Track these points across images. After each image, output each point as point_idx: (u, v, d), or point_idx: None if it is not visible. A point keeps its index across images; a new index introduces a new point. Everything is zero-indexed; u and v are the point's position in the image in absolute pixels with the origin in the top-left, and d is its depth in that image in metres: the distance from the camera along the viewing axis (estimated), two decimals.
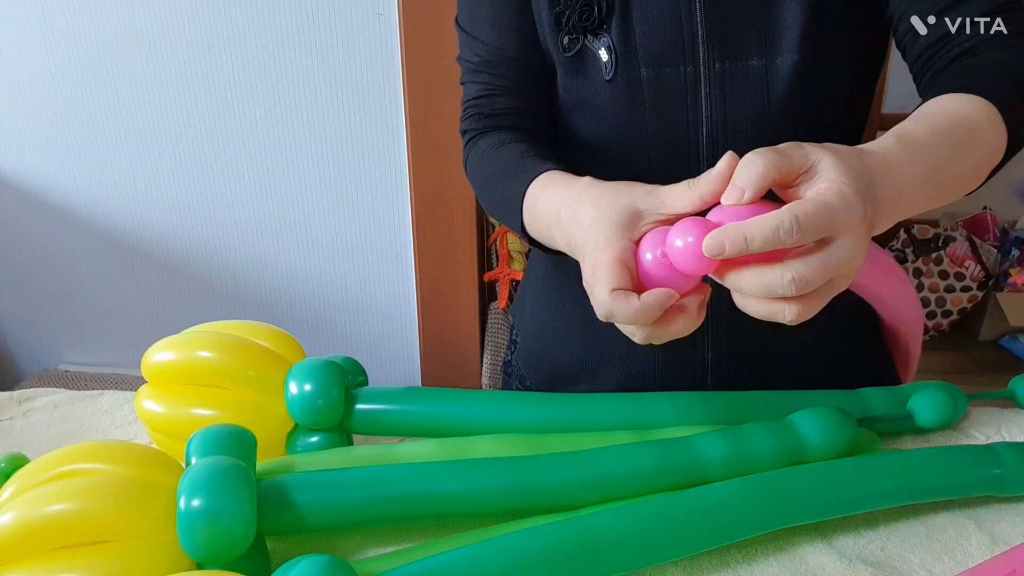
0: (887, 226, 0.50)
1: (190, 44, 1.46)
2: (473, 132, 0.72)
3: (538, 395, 0.67)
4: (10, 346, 1.77)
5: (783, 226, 0.42)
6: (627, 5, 0.63)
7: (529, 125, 0.70)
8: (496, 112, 0.70)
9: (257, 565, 0.50)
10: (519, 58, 0.69)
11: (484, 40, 0.69)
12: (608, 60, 0.64)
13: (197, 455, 0.51)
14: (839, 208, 0.44)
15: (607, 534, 0.51)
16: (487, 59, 0.70)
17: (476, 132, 0.71)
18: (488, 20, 0.69)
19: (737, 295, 0.48)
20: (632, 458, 0.57)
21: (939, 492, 0.59)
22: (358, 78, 1.48)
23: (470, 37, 0.70)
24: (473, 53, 0.71)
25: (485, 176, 0.69)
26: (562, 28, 0.65)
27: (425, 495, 0.53)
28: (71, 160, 1.57)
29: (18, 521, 0.44)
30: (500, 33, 0.69)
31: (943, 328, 2.01)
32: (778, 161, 0.45)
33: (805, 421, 0.60)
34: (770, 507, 0.55)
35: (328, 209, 1.58)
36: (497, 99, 0.70)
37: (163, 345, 0.61)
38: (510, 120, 0.70)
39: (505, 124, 0.70)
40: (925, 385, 0.69)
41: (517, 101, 0.70)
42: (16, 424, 0.73)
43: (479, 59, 0.70)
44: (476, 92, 0.71)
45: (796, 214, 0.43)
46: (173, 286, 1.66)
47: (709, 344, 0.71)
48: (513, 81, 0.70)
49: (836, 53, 0.64)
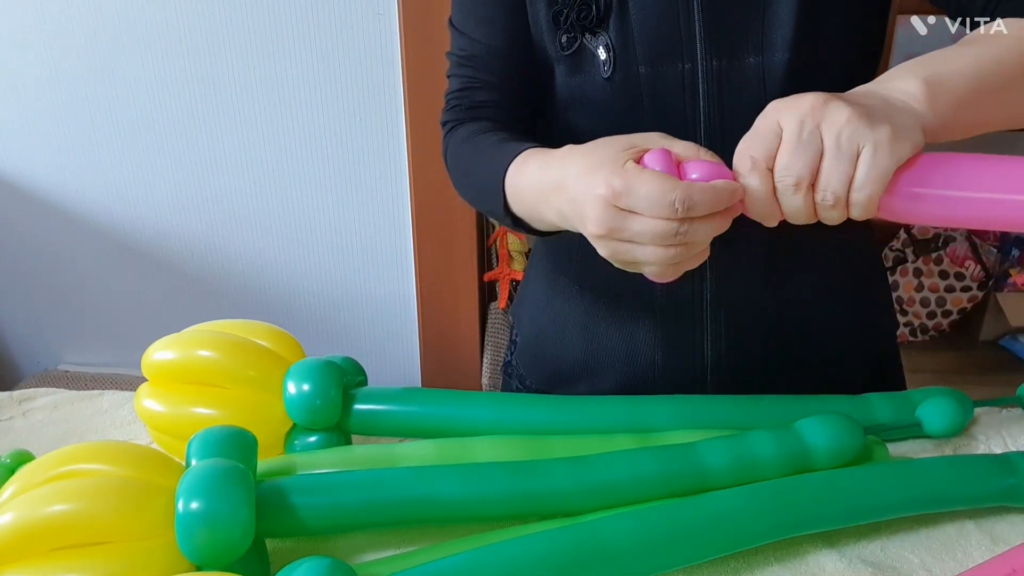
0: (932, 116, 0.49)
1: (190, 43, 1.46)
2: (452, 123, 0.72)
3: (537, 396, 0.67)
4: (10, 346, 1.77)
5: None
6: (625, 3, 0.63)
7: (508, 119, 0.71)
8: (476, 105, 0.71)
9: (256, 567, 0.50)
10: (506, 55, 0.69)
11: (472, 36, 0.70)
12: (606, 58, 0.64)
13: (197, 456, 0.51)
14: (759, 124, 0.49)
15: (611, 541, 0.50)
16: (472, 54, 0.70)
17: (455, 123, 0.72)
18: (477, 16, 0.70)
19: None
20: (636, 464, 0.56)
21: (951, 502, 0.58)
22: (358, 78, 1.47)
23: (460, 33, 0.71)
24: (459, 48, 0.72)
25: (463, 163, 0.70)
26: (560, 27, 0.65)
27: (426, 499, 0.53)
28: (71, 160, 1.57)
29: (17, 521, 0.44)
30: (488, 30, 0.69)
31: (943, 328, 2.00)
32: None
33: (811, 428, 0.59)
34: (777, 516, 0.54)
35: (328, 209, 1.58)
36: (478, 92, 0.71)
37: (163, 344, 0.61)
38: (489, 113, 0.71)
39: (483, 116, 0.71)
40: (933, 391, 0.68)
41: (498, 95, 0.71)
42: (16, 424, 0.73)
43: (464, 53, 0.71)
44: (458, 85, 0.72)
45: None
46: (173, 286, 1.66)
47: (708, 344, 0.71)
48: (497, 76, 0.70)
49: (831, 50, 0.64)
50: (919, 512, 0.58)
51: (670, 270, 0.51)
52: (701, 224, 0.49)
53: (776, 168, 0.48)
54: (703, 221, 0.49)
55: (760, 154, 0.48)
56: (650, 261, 0.50)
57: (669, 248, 0.49)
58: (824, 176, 0.47)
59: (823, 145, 0.47)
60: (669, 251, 0.49)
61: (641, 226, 0.49)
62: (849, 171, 0.46)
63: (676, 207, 0.48)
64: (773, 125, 0.48)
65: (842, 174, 0.46)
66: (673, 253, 0.50)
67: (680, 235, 0.49)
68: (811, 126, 0.47)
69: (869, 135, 0.46)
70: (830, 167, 0.47)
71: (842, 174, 0.46)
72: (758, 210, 0.50)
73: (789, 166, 0.47)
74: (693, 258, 0.51)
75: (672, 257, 0.50)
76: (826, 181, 0.47)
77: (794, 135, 0.47)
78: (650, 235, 0.49)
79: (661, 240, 0.49)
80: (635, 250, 0.50)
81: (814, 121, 0.47)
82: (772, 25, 0.62)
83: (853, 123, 0.46)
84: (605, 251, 0.52)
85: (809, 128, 0.47)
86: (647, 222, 0.49)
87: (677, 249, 0.49)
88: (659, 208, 0.48)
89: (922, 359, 1.94)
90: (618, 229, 0.50)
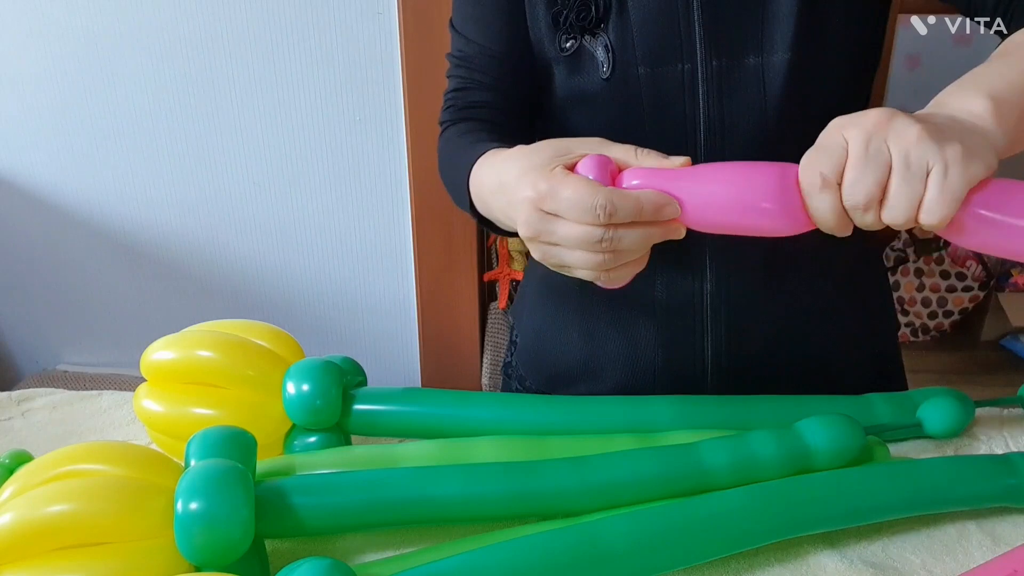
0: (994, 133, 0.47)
1: (190, 44, 1.46)
2: (446, 123, 0.73)
3: (537, 397, 0.67)
4: (9, 346, 1.77)
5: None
6: (624, 4, 0.63)
7: (501, 119, 0.71)
8: (469, 105, 0.71)
9: (256, 568, 0.50)
10: (502, 57, 0.70)
11: (469, 37, 0.71)
12: (605, 59, 0.64)
13: (197, 457, 0.51)
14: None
15: (611, 541, 0.50)
16: (469, 55, 0.71)
17: (448, 123, 0.73)
18: (474, 17, 0.70)
19: None
20: (636, 464, 0.56)
21: (952, 503, 0.58)
22: (358, 78, 1.47)
23: (458, 34, 0.72)
24: (457, 49, 0.72)
25: (443, 162, 0.71)
26: (560, 28, 0.65)
27: (426, 499, 0.53)
28: (71, 160, 1.57)
29: (16, 521, 0.44)
30: (485, 32, 0.70)
31: (944, 328, 2.00)
32: None
33: (812, 429, 0.59)
34: (778, 516, 0.54)
35: (328, 209, 1.58)
36: (472, 93, 0.71)
37: (162, 344, 0.60)
38: (482, 113, 0.71)
39: (476, 116, 0.71)
40: (934, 392, 0.68)
41: (492, 96, 0.71)
42: (15, 424, 0.73)
43: (461, 55, 0.72)
44: (454, 85, 0.73)
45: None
46: (173, 286, 1.66)
47: (709, 344, 0.71)
48: (492, 77, 0.71)
49: (830, 49, 0.64)
50: (920, 512, 0.58)
51: (610, 276, 0.52)
52: (628, 231, 0.49)
53: (844, 185, 0.46)
54: (630, 228, 0.49)
55: (829, 170, 0.46)
56: (579, 265, 0.51)
57: (597, 254, 0.50)
58: (892, 195, 0.45)
59: (891, 163, 0.45)
60: (597, 256, 0.50)
61: (566, 230, 0.50)
62: (919, 191, 0.44)
63: (598, 213, 0.48)
64: (839, 139, 0.46)
65: (911, 194, 0.44)
66: (601, 259, 0.50)
67: (606, 241, 0.49)
68: (878, 142, 0.45)
69: (939, 154, 0.44)
70: (898, 186, 0.45)
71: (911, 194, 0.44)
72: (828, 226, 0.48)
73: (856, 183, 0.45)
74: (629, 265, 0.52)
75: (601, 263, 0.50)
76: (895, 200, 0.45)
77: (861, 151, 0.45)
78: (575, 240, 0.49)
79: (587, 245, 0.50)
80: (563, 254, 0.51)
81: (881, 137, 0.45)
82: (771, 25, 0.62)
83: (923, 140, 0.44)
84: (536, 254, 0.53)
85: (876, 144, 0.45)
86: (572, 227, 0.49)
87: (605, 255, 0.50)
88: (581, 213, 0.48)
89: (923, 359, 1.94)
90: (545, 232, 0.50)
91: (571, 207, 0.49)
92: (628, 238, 0.49)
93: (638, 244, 0.50)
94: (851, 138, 0.46)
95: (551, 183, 0.49)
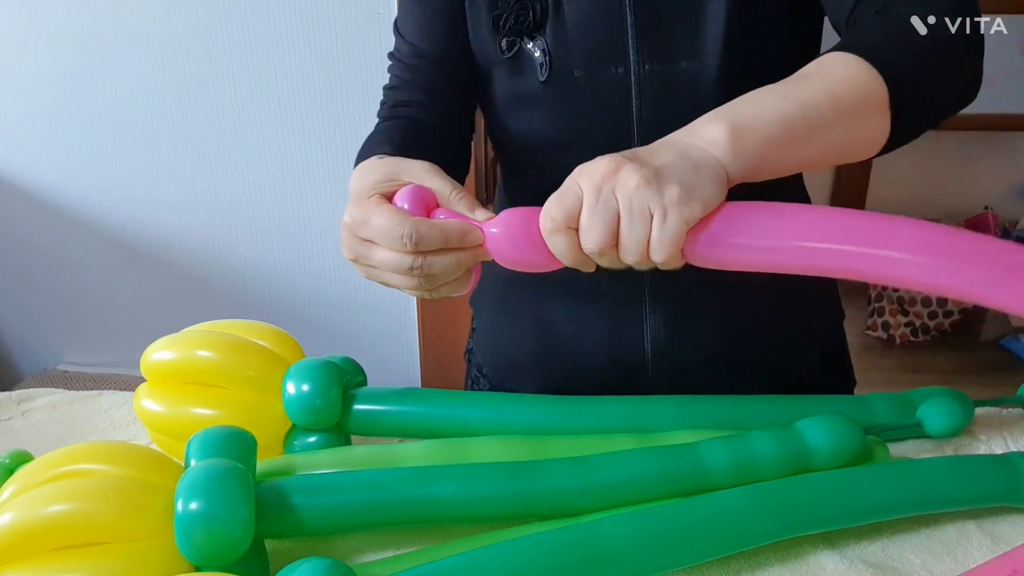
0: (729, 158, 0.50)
1: (190, 44, 1.46)
2: (378, 120, 0.74)
3: (536, 397, 0.67)
4: (9, 346, 1.77)
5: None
6: (560, 8, 0.65)
7: (428, 118, 0.72)
8: (399, 103, 0.72)
9: (256, 567, 0.50)
10: (439, 58, 0.71)
11: (406, 37, 0.72)
12: (543, 62, 0.65)
13: (197, 457, 0.51)
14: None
15: (611, 541, 0.50)
16: (406, 54, 0.72)
17: (378, 120, 0.74)
18: (413, 20, 0.71)
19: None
20: (636, 464, 0.56)
21: (952, 503, 0.58)
22: (358, 78, 1.47)
23: (399, 35, 0.73)
24: (396, 48, 0.74)
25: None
26: (500, 31, 0.66)
27: (426, 499, 0.53)
28: (71, 160, 1.57)
29: (16, 521, 0.44)
30: (420, 33, 0.71)
31: (944, 328, 2.00)
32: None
33: (811, 428, 0.59)
34: (778, 516, 0.54)
35: (328, 209, 1.58)
36: (401, 92, 0.72)
37: (162, 344, 0.61)
38: (407, 111, 0.72)
39: (404, 115, 0.72)
40: (933, 392, 0.68)
41: (420, 95, 0.72)
42: (15, 424, 0.73)
43: (400, 54, 0.73)
44: (389, 83, 0.74)
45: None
46: (173, 286, 1.66)
47: (648, 336, 0.72)
48: (423, 77, 0.72)
49: (762, 56, 0.65)
50: (920, 512, 0.58)
51: (432, 296, 0.55)
52: (438, 258, 0.53)
53: (580, 231, 0.49)
54: (439, 255, 0.53)
55: (561, 216, 0.49)
56: (398, 287, 0.54)
57: (412, 278, 0.53)
58: (623, 240, 0.48)
59: (619, 209, 0.48)
60: (412, 280, 0.53)
61: (380, 256, 0.53)
62: (644, 234, 0.48)
63: (404, 241, 0.51)
64: (575, 187, 0.49)
65: (639, 238, 0.48)
66: (416, 283, 0.53)
67: (416, 268, 0.52)
68: (607, 192, 0.48)
69: (658, 200, 0.47)
70: (627, 232, 0.48)
71: (639, 238, 0.48)
72: (571, 263, 0.51)
73: (589, 229, 0.48)
74: (448, 286, 0.55)
75: (417, 286, 0.54)
76: (626, 244, 0.48)
77: (592, 200, 0.48)
78: (389, 265, 0.53)
79: (400, 270, 0.53)
80: (383, 275, 0.55)
81: (610, 186, 0.48)
82: (704, 31, 0.63)
83: (642, 189, 0.47)
84: (361, 274, 0.56)
85: (605, 194, 0.48)
86: (384, 253, 0.53)
87: (420, 279, 0.53)
88: (391, 242, 0.52)
89: (923, 359, 1.94)
90: (363, 256, 0.54)
91: (381, 235, 0.52)
92: (439, 263, 0.53)
93: (450, 268, 0.53)
94: (584, 187, 0.49)
95: (364, 212, 0.53)
